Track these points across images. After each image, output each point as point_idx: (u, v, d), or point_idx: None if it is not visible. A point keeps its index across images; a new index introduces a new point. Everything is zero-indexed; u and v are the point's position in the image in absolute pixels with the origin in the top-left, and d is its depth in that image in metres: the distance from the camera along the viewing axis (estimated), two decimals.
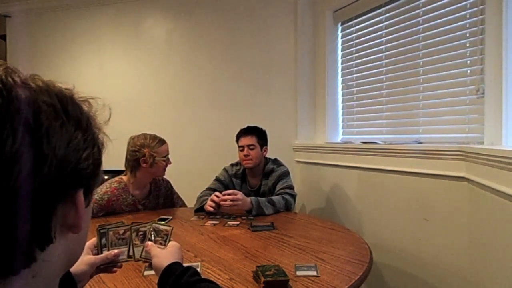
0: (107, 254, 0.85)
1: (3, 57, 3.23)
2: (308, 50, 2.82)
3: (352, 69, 2.54)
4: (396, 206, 1.96)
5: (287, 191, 2.11)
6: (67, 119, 0.38)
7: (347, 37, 2.59)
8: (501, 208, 1.25)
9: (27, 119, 0.34)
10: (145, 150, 1.93)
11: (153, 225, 0.92)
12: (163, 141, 2.02)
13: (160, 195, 2.14)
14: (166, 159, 2.01)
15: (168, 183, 2.21)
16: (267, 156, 2.30)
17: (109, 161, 2.06)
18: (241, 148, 2.20)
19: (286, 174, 2.21)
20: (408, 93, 2.07)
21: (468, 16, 1.72)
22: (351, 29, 2.53)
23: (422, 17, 1.96)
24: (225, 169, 2.31)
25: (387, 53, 2.21)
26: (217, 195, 1.93)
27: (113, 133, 0.48)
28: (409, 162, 1.86)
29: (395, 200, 1.96)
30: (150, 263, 0.87)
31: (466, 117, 1.76)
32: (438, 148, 1.71)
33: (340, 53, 2.68)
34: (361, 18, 2.43)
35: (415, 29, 2.01)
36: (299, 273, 1.12)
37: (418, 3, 1.98)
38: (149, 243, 0.89)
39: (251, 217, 1.89)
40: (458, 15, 1.77)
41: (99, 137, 0.44)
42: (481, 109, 1.64)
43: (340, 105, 2.71)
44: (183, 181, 2.23)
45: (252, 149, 2.17)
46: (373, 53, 2.32)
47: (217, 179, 2.26)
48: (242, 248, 1.39)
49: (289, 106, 2.85)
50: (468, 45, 1.73)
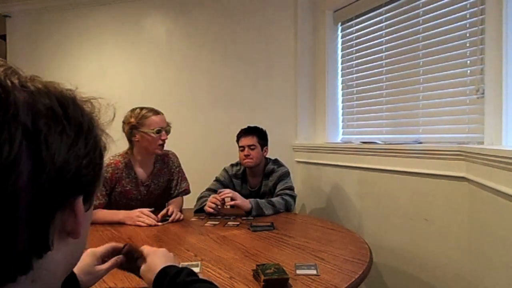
0: (113, 262, 0.85)
1: (3, 57, 3.23)
2: (308, 50, 2.82)
3: (352, 69, 2.54)
4: (396, 206, 1.96)
5: (287, 192, 2.11)
6: (67, 123, 0.37)
7: (347, 37, 2.59)
8: (501, 208, 1.25)
9: (25, 125, 0.32)
10: (131, 120, 1.79)
11: (126, 247, 0.88)
12: (155, 112, 1.84)
13: (162, 174, 1.99)
14: (156, 132, 1.81)
15: (175, 161, 2.03)
16: (267, 156, 2.30)
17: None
18: (242, 148, 2.20)
19: (286, 174, 2.21)
20: (408, 93, 2.07)
21: (468, 16, 1.73)
22: (351, 29, 2.53)
23: (422, 17, 1.96)
24: (225, 170, 2.31)
25: (387, 53, 2.21)
26: (216, 197, 1.94)
27: (114, 133, 0.48)
28: (409, 162, 1.86)
29: (395, 200, 1.96)
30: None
31: (466, 117, 1.76)
32: (438, 148, 1.71)
33: (340, 53, 2.68)
34: (361, 18, 2.43)
35: (415, 29, 2.01)
36: (299, 271, 1.12)
37: (418, 3, 1.98)
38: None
39: (251, 218, 1.89)
40: (458, 15, 1.77)
41: (102, 139, 0.43)
42: (481, 109, 1.64)
43: (340, 105, 2.71)
44: None
45: (252, 149, 2.17)
46: (373, 53, 2.32)
47: (217, 180, 2.26)
48: (242, 247, 1.39)
49: (289, 106, 2.85)
50: (468, 45, 1.73)
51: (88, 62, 3.16)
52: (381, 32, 2.26)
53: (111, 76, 3.12)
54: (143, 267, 0.82)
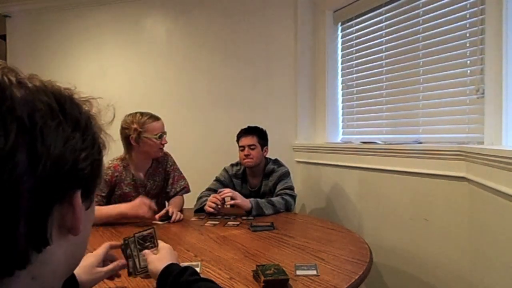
0: (114, 265, 0.85)
1: (3, 57, 3.23)
2: (308, 50, 2.82)
3: (352, 69, 2.54)
4: (396, 206, 1.95)
5: (287, 191, 2.11)
6: (64, 118, 0.37)
7: (347, 37, 2.59)
8: (501, 208, 1.25)
9: (21, 118, 0.33)
10: (133, 126, 1.83)
11: (136, 235, 0.93)
12: (155, 118, 1.89)
13: (157, 174, 2.02)
14: (158, 137, 1.87)
15: (168, 159, 2.07)
16: (267, 156, 2.30)
17: (111, 158, 2.03)
18: (242, 148, 2.20)
19: (286, 174, 2.21)
20: (408, 93, 2.07)
21: (468, 16, 1.73)
22: (351, 29, 2.53)
23: (422, 17, 1.96)
24: (225, 169, 2.31)
25: (387, 53, 2.21)
26: (216, 196, 1.94)
27: (114, 133, 0.48)
28: (409, 162, 1.86)
29: (395, 200, 1.96)
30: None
31: (466, 117, 1.76)
32: (438, 148, 1.71)
33: (340, 53, 2.68)
34: (361, 18, 2.43)
35: (415, 29, 2.01)
36: (299, 272, 1.12)
37: (418, 3, 1.98)
38: (146, 251, 0.90)
39: (251, 218, 1.89)
40: (458, 15, 1.77)
41: (100, 137, 0.43)
42: (481, 109, 1.64)
43: (340, 105, 2.71)
44: None
45: (253, 149, 2.17)
46: (373, 53, 2.32)
47: (217, 179, 2.26)
48: (242, 248, 1.39)
49: (289, 106, 2.85)
50: (468, 45, 1.73)
51: (88, 62, 3.16)
52: (381, 32, 2.25)
53: (111, 76, 3.12)
54: (153, 257, 0.87)
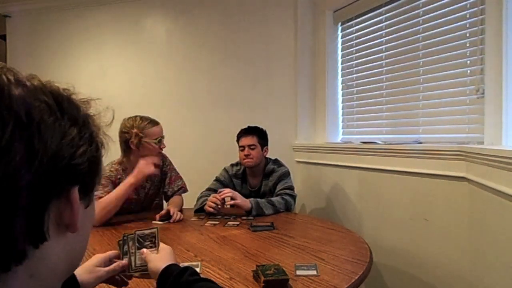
0: (115, 265, 0.85)
1: (3, 57, 3.23)
2: (308, 50, 2.82)
3: (352, 69, 2.54)
4: (396, 206, 1.95)
5: (287, 191, 2.11)
6: (61, 115, 0.38)
7: (347, 37, 2.59)
8: (501, 208, 1.25)
9: (18, 114, 0.33)
10: (133, 131, 1.85)
11: (137, 232, 0.92)
12: (154, 122, 1.92)
13: (155, 175, 2.02)
14: (158, 141, 1.90)
15: (165, 160, 2.09)
16: (267, 156, 2.30)
17: (111, 160, 2.05)
18: (242, 148, 2.20)
19: (286, 174, 2.21)
20: (408, 93, 2.07)
21: (468, 16, 1.72)
22: (351, 29, 2.53)
23: (422, 17, 1.96)
24: (225, 169, 2.31)
25: (387, 53, 2.21)
26: (216, 196, 1.94)
27: (114, 133, 0.48)
28: (409, 162, 1.86)
29: (395, 200, 1.96)
30: (147, 273, 0.88)
31: (466, 117, 1.76)
32: (438, 148, 1.71)
33: (340, 53, 2.68)
34: (361, 18, 2.43)
35: (415, 29, 2.01)
36: (299, 272, 1.12)
37: (418, 3, 1.98)
38: (144, 250, 0.89)
39: (251, 218, 1.89)
40: (458, 15, 1.77)
41: (99, 136, 0.43)
42: (481, 109, 1.64)
43: (340, 105, 2.71)
44: None
45: (253, 149, 2.18)
46: (373, 53, 2.32)
47: (217, 179, 2.26)
48: (242, 248, 1.39)
49: (289, 106, 2.85)
50: (468, 45, 1.73)
51: (88, 62, 3.16)
52: (381, 32, 2.25)
53: (111, 76, 3.12)
54: (154, 256, 0.87)
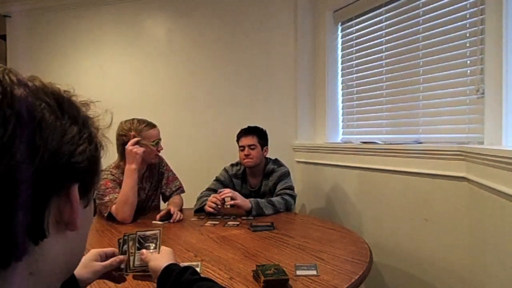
0: (112, 261, 0.85)
1: (3, 57, 3.23)
2: (308, 50, 2.82)
3: (352, 69, 2.54)
4: (396, 206, 1.95)
5: (287, 191, 2.11)
6: (62, 115, 0.38)
7: (347, 37, 2.59)
8: (501, 208, 1.25)
9: (20, 112, 0.34)
10: (131, 133, 1.87)
11: (138, 233, 0.93)
12: (152, 125, 1.94)
13: (152, 175, 2.06)
14: (155, 144, 1.92)
15: (162, 161, 2.11)
16: (267, 156, 2.30)
17: (110, 162, 2.05)
18: (242, 148, 2.20)
19: (286, 174, 2.21)
20: (408, 93, 2.07)
21: (468, 16, 1.72)
22: (351, 29, 2.53)
23: (422, 17, 1.96)
24: (225, 169, 2.31)
25: (387, 53, 2.21)
26: (216, 196, 1.94)
27: (112, 136, 0.48)
28: (409, 162, 1.86)
29: (395, 200, 1.96)
30: (145, 274, 0.88)
31: (466, 117, 1.76)
32: (438, 148, 1.71)
33: (340, 53, 2.68)
34: (361, 18, 2.43)
35: (415, 29, 2.01)
36: (299, 272, 1.12)
37: (418, 3, 1.98)
38: (143, 251, 0.90)
39: (251, 218, 1.89)
40: (458, 15, 1.77)
41: (98, 136, 0.44)
42: (481, 109, 1.64)
43: (340, 105, 2.71)
44: (183, 181, 2.23)
45: (253, 149, 2.18)
46: (373, 53, 2.32)
47: (217, 179, 2.26)
48: (242, 248, 1.39)
49: (289, 106, 2.85)
50: (468, 45, 1.73)
51: (88, 62, 3.16)
52: (381, 32, 2.25)
53: (111, 76, 3.12)
54: (155, 255, 0.88)
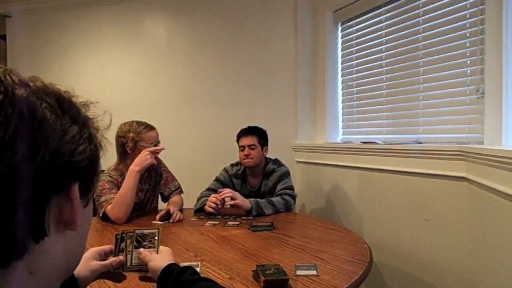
0: (112, 261, 0.85)
1: (3, 57, 3.23)
2: (308, 50, 2.82)
3: (352, 69, 2.54)
4: (396, 206, 1.96)
5: (287, 191, 2.11)
6: (62, 114, 0.39)
7: (347, 37, 2.59)
8: (501, 208, 1.25)
9: (21, 112, 0.35)
10: (130, 135, 1.88)
11: (136, 231, 0.93)
12: (151, 127, 1.96)
13: (151, 176, 2.06)
14: (153, 146, 1.92)
15: (159, 163, 2.11)
16: (267, 156, 2.30)
17: (109, 164, 2.05)
18: (242, 148, 2.20)
19: (286, 174, 2.21)
20: (408, 93, 2.07)
21: (468, 16, 1.73)
22: (351, 29, 2.53)
23: (422, 17, 1.96)
24: (225, 169, 2.31)
25: (387, 53, 2.21)
26: (216, 196, 1.94)
27: (111, 137, 0.48)
28: (409, 162, 1.86)
29: (395, 200, 1.96)
30: (142, 270, 0.88)
31: (466, 117, 1.76)
32: (438, 148, 1.71)
33: (340, 53, 2.68)
34: (361, 18, 2.43)
35: (415, 29, 2.01)
36: (299, 272, 1.12)
37: (418, 3, 1.98)
38: (141, 250, 0.90)
39: (251, 218, 1.89)
40: (458, 15, 1.77)
41: (97, 137, 0.44)
42: (481, 109, 1.64)
43: (340, 105, 2.71)
44: (183, 181, 2.23)
45: (253, 149, 2.18)
46: (373, 53, 2.32)
47: (217, 179, 2.26)
48: (242, 248, 1.39)
49: (289, 106, 2.85)
50: (468, 45, 1.73)
51: (88, 62, 3.16)
52: (381, 32, 2.25)
53: (111, 76, 3.12)
54: (154, 255, 0.88)
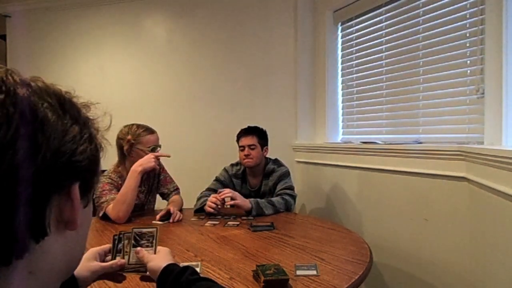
0: (113, 263, 0.85)
1: (3, 57, 3.23)
2: (308, 50, 2.82)
3: (352, 69, 2.54)
4: (396, 206, 1.96)
5: (287, 191, 2.11)
6: (63, 114, 0.39)
7: (347, 37, 2.59)
8: (501, 208, 1.25)
9: (23, 111, 0.35)
10: (128, 137, 1.87)
11: (135, 230, 0.93)
12: (150, 131, 1.95)
13: (149, 177, 2.07)
14: (151, 149, 1.91)
15: (159, 167, 2.10)
16: (267, 156, 2.30)
17: (109, 164, 2.06)
18: (242, 148, 2.20)
19: (286, 174, 2.21)
20: (408, 93, 2.07)
21: (468, 16, 1.73)
22: (351, 29, 2.53)
23: (422, 17, 1.96)
24: (225, 169, 2.31)
25: (387, 53, 2.21)
26: (216, 196, 1.94)
27: (113, 133, 0.48)
28: (409, 162, 1.86)
29: (395, 200, 1.96)
30: (140, 271, 0.88)
31: (466, 117, 1.76)
32: (438, 148, 1.71)
33: (340, 53, 2.68)
34: (361, 18, 2.43)
35: (415, 29, 2.01)
36: (299, 272, 1.12)
37: (418, 3, 1.98)
38: (139, 249, 0.90)
39: (251, 218, 1.89)
40: (458, 15, 1.77)
41: (97, 137, 0.44)
42: (481, 109, 1.64)
43: (340, 105, 2.71)
44: (183, 181, 2.23)
45: (253, 149, 2.18)
46: (373, 53, 2.32)
47: (217, 179, 2.26)
48: (242, 248, 1.39)
49: (289, 106, 2.85)
50: (468, 45, 1.73)
51: (88, 62, 3.16)
52: (381, 32, 2.25)
53: (110, 76, 3.12)
54: (153, 256, 0.88)
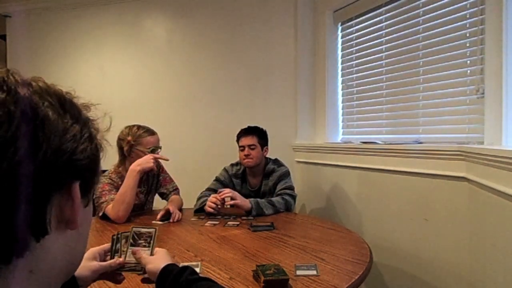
0: (111, 262, 0.85)
1: (3, 57, 3.23)
2: (308, 50, 2.82)
3: (352, 69, 2.54)
4: (396, 206, 1.96)
5: (287, 191, 2.11)
6: (64, 114, 0.39)
7: (347, 37, 2.59)
8: (501, 208, 1.25)
9: (24, 110, 0.35)
10: (128, 138, 1.89)
11: (134, 229, 0.92)
12: (151, 132, 1.95)
13: (149, 177, 2.08)
14: (150, 151, 1.91)
15: (158, 163, 2.09)
16: (267, 156, 2.30)
17: (109, 165, 2.06)
18: (242, 148, 2.20)
19: (286, 174, 2.21)
20: (408, 93, 2.07)
21: (468, 16, 1.73)
22: (351, 29, 2.53)
23: (422, 17, 1.96)
24: (225, 169, 2.31)
25: (387, 53, 2.21)
26: (216, 196, 1.94)
27: (113, 134, 0.48)
28: (409, 162, 1.86)
29: (395, 200, 1.96)
30: (137, 269, 0.87)
31: (466, 117, 1.76)
32: (438, 148, 1.71)
33: (340, 53, 2.68)
34: (361, 18, 2.43)
35: (415, 29, 2.01)
36: (299, 272, 1.12)
37: (418, 3, 1.98)
38: (135, 249, 0.89)
39: (251, 218, 1.89)
40: (458, 15, 1.77)
41: (97, 137, 0.45)
42: (481, 109, 1.64)
43: (340, 105, 2.71)
44: (183, 181, 2.23)
45: (253, 149, 2.18)
46: (373, 53, 2.32)
47: (217, 179, 2.26)
48: (242, 248, 1.39)
49: (289, 106, 2.85)
50: (468, 45, 1.73)
51: (88, 63, 3.16)
52: (381, 32, 2.25)
53: (111, 76, 3.12)
54: (152, 257, 0.87)
